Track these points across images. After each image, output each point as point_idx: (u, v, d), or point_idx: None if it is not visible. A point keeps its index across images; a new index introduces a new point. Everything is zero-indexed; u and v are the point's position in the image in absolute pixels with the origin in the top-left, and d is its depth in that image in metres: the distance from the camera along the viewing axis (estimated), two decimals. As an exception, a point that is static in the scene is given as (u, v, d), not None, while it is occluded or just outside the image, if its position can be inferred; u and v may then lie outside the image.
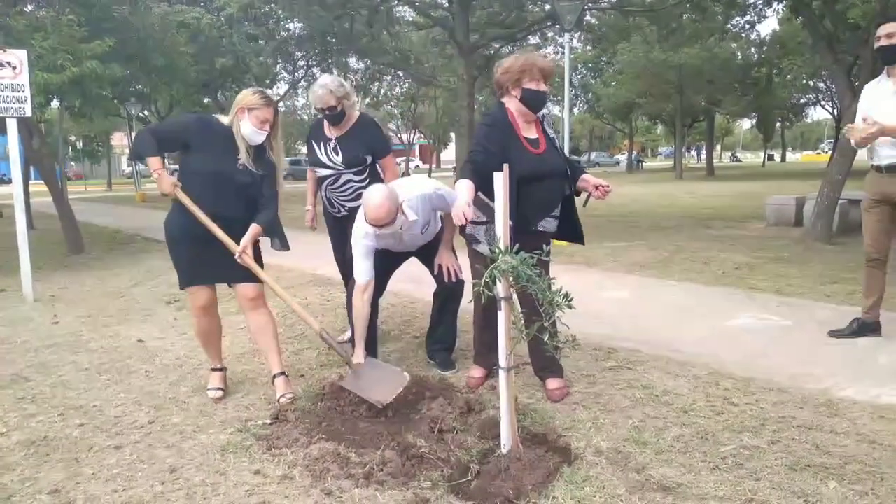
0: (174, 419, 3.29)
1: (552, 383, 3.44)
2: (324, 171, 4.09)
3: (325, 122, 4.08)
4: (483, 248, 3.37)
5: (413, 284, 4.06)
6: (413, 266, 3.98)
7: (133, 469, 2.76)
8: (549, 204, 3.41)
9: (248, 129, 3.31)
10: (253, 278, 3.45)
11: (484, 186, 3.10)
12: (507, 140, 3.30)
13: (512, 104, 3.38)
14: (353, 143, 4.02)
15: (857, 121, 4.10)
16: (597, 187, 3.38)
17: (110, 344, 4.72)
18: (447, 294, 3.87)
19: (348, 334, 4.14)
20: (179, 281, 3.50)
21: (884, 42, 3.88)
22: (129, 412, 3.41)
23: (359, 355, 3.45)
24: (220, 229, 3.28)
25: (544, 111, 3.50)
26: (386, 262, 3.75)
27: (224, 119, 3.41)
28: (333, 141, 4.04)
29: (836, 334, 4.24)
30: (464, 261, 3.89)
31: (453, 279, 3.77)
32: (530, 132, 3.41)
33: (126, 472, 2.74)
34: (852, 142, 4.20)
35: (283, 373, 3.53)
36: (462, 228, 3.42)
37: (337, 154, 4.01)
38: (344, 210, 4.13)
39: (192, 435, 3.08)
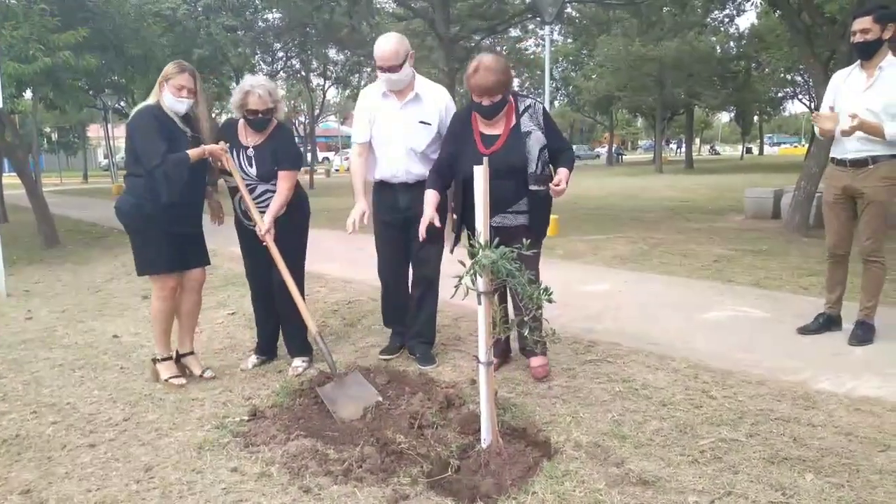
0: (149, 416, 3.24)
1: (535, 361, 3.60)
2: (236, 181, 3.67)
3: (242, 127, 3.68)
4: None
5: None
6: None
7: (107, 468, 2.72)
8: (502, 202, 3.34)
9: (169, 99, 3.49)
10: (206, 263, 3.82)
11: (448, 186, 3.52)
12: (462, 139, 3.46)
13: None
14: (267, 155, 3.64)
15: (824, 109, 4.13)
16: (556, 184, 3.32)
17: (85, 340, 4.65)
18: (423, 283, 3.88)
19: (252, 360, 3.97)
20: (153, 265, 3.58)
21: (858, 38, 3.85)
22: (104, 409, 3.35)
23: (361, 205, 3.79)
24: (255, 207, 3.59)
25: (529, 102, 3.46)
26: (397, 240, 3.90)
27: (150, 101, 3.55)
28: (251, 150, 3.65)
29: (804, 331, 4.26)
30: (447, 254, 3.88)
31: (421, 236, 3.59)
32: (493, 129, 3.42)
33: (100, 470, 2.70)
34: (816, 130, 4.21)
35: (193, 352, 3.87)
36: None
37: (251, 166, 3.64)
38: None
39: (167, 432, 3.04)
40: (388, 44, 3.55)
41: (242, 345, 4.39)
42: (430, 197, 3.38)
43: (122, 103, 24.73)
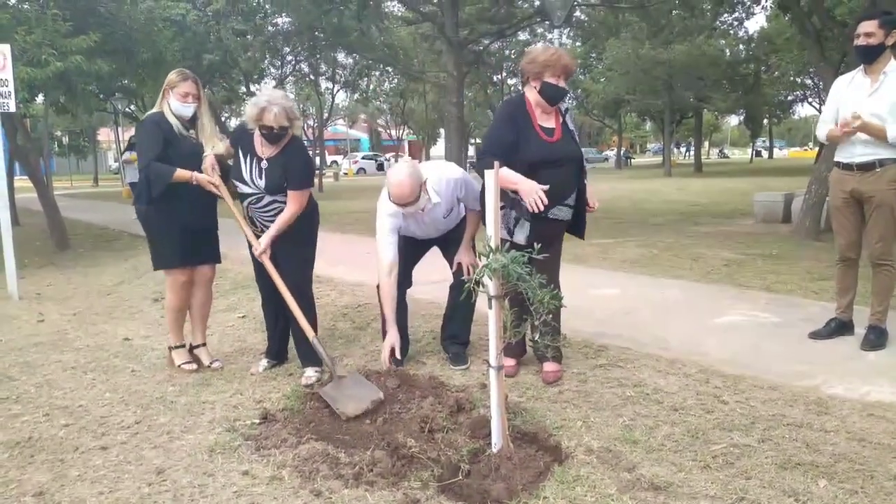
0: (161, 419, 3.25)
1: (548, 366, 3.64)
2: (244, 188, 3.69)
3: (258, 137, 3.61)
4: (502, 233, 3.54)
5: (430, 286, 4.09)
6: (428, 267, 3.99)
7: (119, 470, 2.73)
8: (561, 192, 3.48)
9: (175, 104, 3.74)
10: (217, 261, 4.08)
11: (505, 173, 3.34)
12: (521, 128, 3.46)
13: (531, 94, 3.51)
14: (278, 168, 3.60)
15: (826, 114, 4.12)
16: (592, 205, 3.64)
17: (96, 342, 4.67)
18: (462, 290, 3.87)
19: (262, 364, 3.96)
20: (167, 261, 3.86)
21: (862, 41, 3.84)
22: (116, 412, 3.37)
23: (392, 336, 3.63)
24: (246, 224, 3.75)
25: (567, 105, 3.64)
26: (410, 252, 3.87)
27: (154, 109, 3.84)
28: (265, 161, 3.61)
29: (816, 335, 4.23)
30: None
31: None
32: (547, 121, 3.52)
33: (112, 473, 2.71)
34: (819, 135, 4.20)
35: (205, 343, 4.14)
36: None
37: (260, 178, 3.61)
38: (267, 229, 3.71)
39: (179, 435, 3.05)
40: (403, 188, 3.40)
41: (253, 348, 4.40)
42: (509, 172, 3.24)
43: (133, 107, 24.90)
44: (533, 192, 3.21)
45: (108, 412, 3.37)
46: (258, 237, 3.70)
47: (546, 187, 3.24)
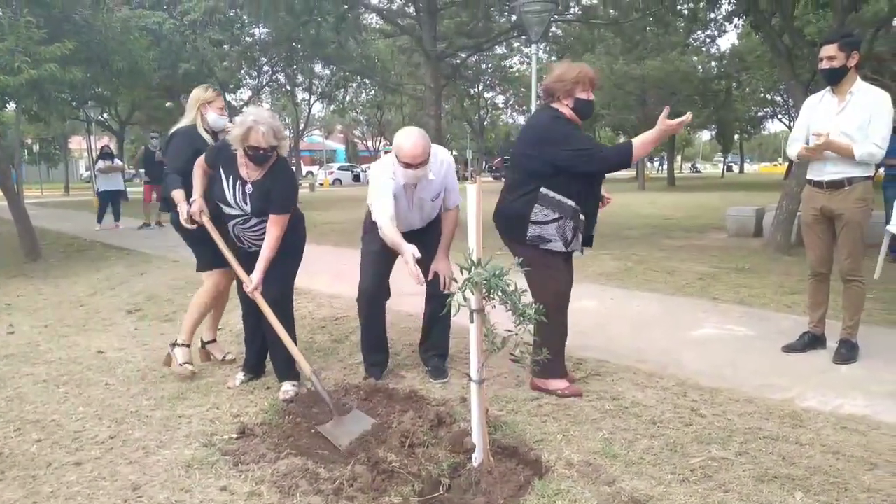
0: (136, 434, 3.20)
1: (554, 384, 3.66)
2: (229, 210, 3.60)
3: (243, 159, 3.47)
4: (556, 245, 3.53)
5: (407, 298, 4.07)
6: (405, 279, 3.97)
7: (94, 487, 2.68)
8: (597, 202, 3.75)
9: (214, 117, 4.03)
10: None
11: (555, 184, 3.45)
12: None
13: (564, 110, 3.53)
14: (264, 192, 3.49)
15: (798, 131, 4.22)
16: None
17: (68, 355, 4.59)
18: (439, 300, 3.85)
19: (239, 377, 3.90)
20: (206, 263, 4.05)
21: (825, 65, 3.94)
22: (89, 426, 3.31)
23: (407, 252, 3.27)
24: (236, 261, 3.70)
25: None
26: (383, 261, 3.82)
27: (183, 122, 4.06)
28: (249, 185, 3.51)
29: (789, 349, 4.30)
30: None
31: (447, 290, 3.71)
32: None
33: (86, 489, 2.66)
34: (790, 153, 4.30)
35: (215, 339, 4.44)
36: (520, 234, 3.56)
37: (246, 203, 3.52)
38: (255, 247, 3.66)
39: (155, 450, 3.00)
40: (417, 146, 3.40)
41: (230, 361, 4.35)
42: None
43: (106, 115, 24.63)
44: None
45: (81, 427, 3.31)
46: (249, 252, 3.67)
47: None
